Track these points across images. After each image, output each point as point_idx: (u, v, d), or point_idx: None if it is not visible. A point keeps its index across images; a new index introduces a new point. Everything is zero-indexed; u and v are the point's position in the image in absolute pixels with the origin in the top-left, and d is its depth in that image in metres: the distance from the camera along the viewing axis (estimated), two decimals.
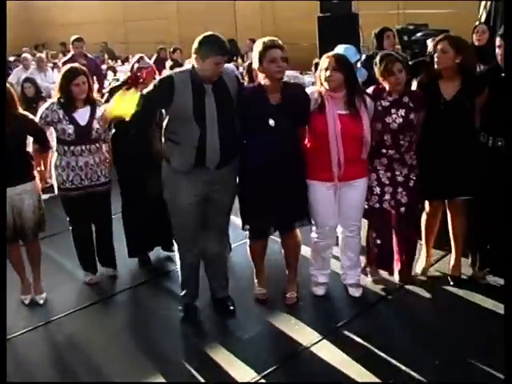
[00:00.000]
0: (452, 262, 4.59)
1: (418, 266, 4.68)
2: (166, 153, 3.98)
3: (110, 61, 13.29)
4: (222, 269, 4.34)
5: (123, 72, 11.02)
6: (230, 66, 9.02)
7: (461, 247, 4.54)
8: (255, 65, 3.98)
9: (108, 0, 17.19)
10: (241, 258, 4.84)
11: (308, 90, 4.20)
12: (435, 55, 4.18)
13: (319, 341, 3.91)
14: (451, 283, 4.49)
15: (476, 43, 6.23)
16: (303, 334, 4.00)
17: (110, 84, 6.75)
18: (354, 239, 4.37)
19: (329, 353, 3.78)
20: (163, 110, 4.00)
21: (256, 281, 4.48)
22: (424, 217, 4.57)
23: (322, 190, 4.16)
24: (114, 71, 11.65)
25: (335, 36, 6.66)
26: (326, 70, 4.03)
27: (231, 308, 4.28)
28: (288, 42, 10.66)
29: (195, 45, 3.78)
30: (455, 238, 4.53)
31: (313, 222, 4.29)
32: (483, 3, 7.42)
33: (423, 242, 4.66)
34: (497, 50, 4.19)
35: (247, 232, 4.26)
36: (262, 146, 3.97)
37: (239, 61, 11.87)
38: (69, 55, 8.99)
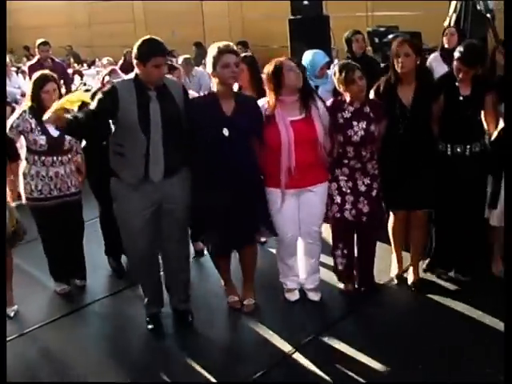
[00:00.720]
0: (410, 268, 4.63)
1: (392, 272, 4.69)
2: (113, 165, 3.87)
3: (75, 64, 13.07)
4: (183, 282, 4.23)
5: (90, 76, 10.87)
6: (199, 69, 8.92)
7: (420, 255, 4.63)
8: (209, 70, 3.93)
9: (72, 0, 16.90)
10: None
11: (259, 103, 4.12)
12: (399, 59, 4.15)
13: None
14: (413, 288, 4.51)
15: (446, 46, 6.25)
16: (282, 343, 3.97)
17: (77, 88, 6.59)
18: (314, 245, 4.35)
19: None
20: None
21: (226, 290, 4.45)
22: (390, 224, 4.59)
23: (279, 197, 4.10)
24: (81, 75, 11.45)
25: (306, 38, 6.64)
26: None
27: (190, 320, 4.22)
28: (257, 44, 10.69)
29: (134, 50, 3.71)
30: (414, 246, 4.60)
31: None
32: (453, 4, 7.46)
33: (393, 248, 4.67)
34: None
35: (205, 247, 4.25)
36: (217, 156, 3.89)
37: None
38: (34, 59, 8.80)
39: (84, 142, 4.69)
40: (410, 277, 4.61)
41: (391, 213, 4.55)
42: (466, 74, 4.17)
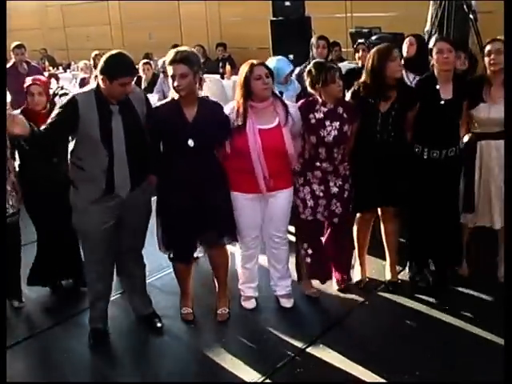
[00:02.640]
0: (388, 268, 4.68)
1: (355, 276, 4.71)
2: (73, 178, 3.80)
3: (51, 68, 12.81)
4: (142, 288, 4.23)
5: (67, 80, 10.65)
6: None
7: (395, 253, 4.65)
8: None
9: (45, 0, 16.63)
10: (203, 272, 4.68)
11: (226, 108, 4.06)
12: (395, 63, 4.13)
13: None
14: (390, 288, 4.57)
15: (405, 54, 6.20)
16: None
17: (55, 92, 6.42)
18: (280, 250, 4.33)
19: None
20: None
21: (181, 301, 4.39)
22: (356, 227, 4.58)
23: (243, 200, 4.07)
24: (57, 79, 11.21)
25: (288, 39, 6.56)
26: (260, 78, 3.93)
27: (158, 325, 4.17)
28: (236, 46, 10.62)
29: (101, 64, 3.58)
30: (389, 245, 4.64)
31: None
32: (431, 6, 7.44)
33: (356, 252, 4.66)
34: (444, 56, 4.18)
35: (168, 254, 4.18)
36: (181, 165, 3.83)
37: None
38: (10, 63, 8.58)
39: (18, 161, 4.49)
40: (388, 275, 4.64)
41: (358, 215, 4.54)
42: (449, 52, 4.14)
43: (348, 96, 4.33)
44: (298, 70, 5.93)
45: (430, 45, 5.66)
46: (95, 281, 4.03)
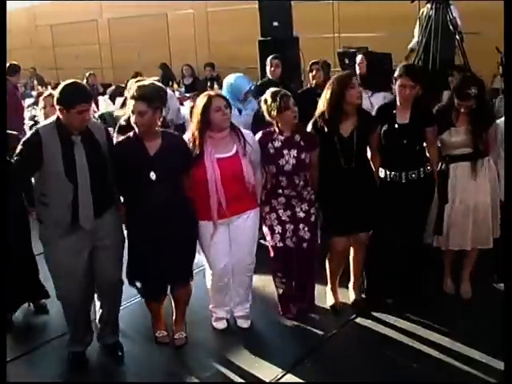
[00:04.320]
0: (351, 287, 4.69)
1: (328, 301, 4.68)
2: (38, 214, 3.79)
3: (39, 87, 12.81)
4: (114, 318, 4.18)
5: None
6: (168, 91, 8.78)
7: (360, 275, 4.67)
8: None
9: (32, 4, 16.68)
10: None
11: (185, 137, 4.08)
12: (354, 90, 4.19)
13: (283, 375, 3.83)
14: (355, 308, 4.59)
15: (358, 71, 6.27)
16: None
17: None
18: (245, 276, 4.33)
19: None
20: None
21: (153, 324, 4.35)
22: (328, 260, 4.60)
23: (209, 228, 4.06)
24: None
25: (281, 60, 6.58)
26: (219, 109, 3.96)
27: (119, 354, 4.15)
28: (224, 66, 10.67)
29: (57, 95, 3.57)
30: (355, 267, 4.64)
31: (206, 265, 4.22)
32: (417, 26, 7.53)
33: (329, 281, 4.67)
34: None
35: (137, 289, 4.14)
36: (145, 199, 3.80)
37: (175, 86, 11.65)
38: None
39: None
40: (352, 295, 4.65)
41: (332, 242, 4.51)
42: (411, 89, 4.22)
43: (309, 127, 4.34)
44: (252, 86, 5.99)
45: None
46: (72, 313, 3.98)
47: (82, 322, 4.06)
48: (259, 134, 4.27)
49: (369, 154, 4.42)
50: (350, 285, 4.71)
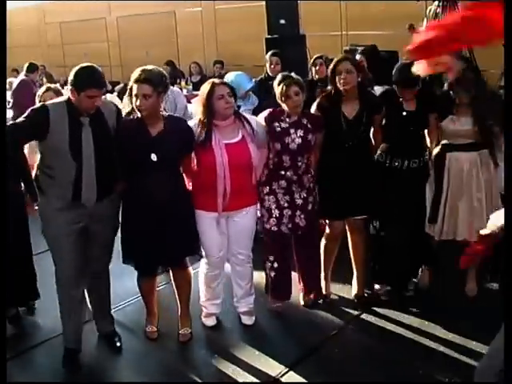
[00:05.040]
0: (355, 281, 4.71)
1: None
2: (41, 185, 3.80)
3: (49, 84, 12.85)
4: (106, 305, 4.23)
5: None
6: (175, 89, 8.81)
7: (362, 266, 4.67)
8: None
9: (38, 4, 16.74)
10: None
11: (191, 123, 4.09)
12: (340, 76, 4.22)
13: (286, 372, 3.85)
14: (355, 301, 4.63)
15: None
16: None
17: None
18: (244, 268, 4.34)
19: None
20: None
21: (146, 320, 4.38)
22: (323, 242, 4.60)
23: (207, 220, 4.08)
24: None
25: (283, 57, 6.60)
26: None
27: (118, 345, 4.19)
28: (232, 64, 10.70)
29: (71, 76, 3.62)
30: (356, 258, 4.66)
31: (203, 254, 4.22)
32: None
33: (322, 267, 4.67)
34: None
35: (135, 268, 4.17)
36: (146, 181, 3.83)
37: (182, 83, 11.68)
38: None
39: None
40: (354, 289, 4.68)
41: (327, 226, 4.57)
42: (411, 94, 4.33)
43: (313, 108, 4.41)
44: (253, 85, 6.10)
45: None
46: (66, 298, 3.99)
47: (75, 310, 4.04)
48: (266, 112, 4.30)
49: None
50: (354, 279, 4.73)
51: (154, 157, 3.80)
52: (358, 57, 6.32)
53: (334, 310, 4.57)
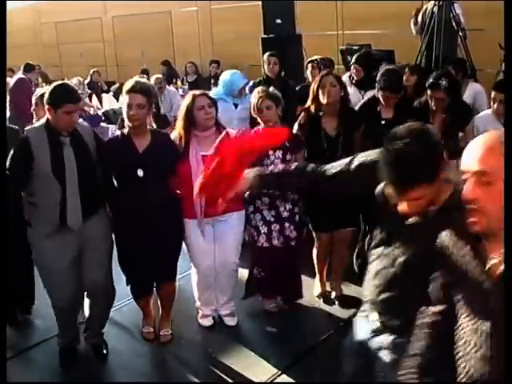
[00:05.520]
0: (334, 284, 4.75)
1: (315, 291, 4.79)
2: (27, 216, 3.78)
3: (44, 84, 12.83)
4: (100, 323, 4.19)
5: None
6: (171, 89, 8.81)
7: (341, 273, 4.76)
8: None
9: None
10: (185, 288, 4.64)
11: (171, 136, 4.12)
12: (325, 89, 4.24)
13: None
14: (336, 303, 4.66)
15: (355, 77, 6.33)
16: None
17: None
18: (230, 278, 4.33)
19: None
20: None
21: (142, 320, 4.39)
22: (315, 250, 4.65)
23: (192, 226, 4.08)
24: None
25: (279, 57, 6.60)
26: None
27: (104, 352, 4.17)
28: (228, 64, 10.68)
29: (46, 95, 3.64)
30: (337, 266, 4.72)
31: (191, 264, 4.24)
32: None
33: (317, 273, 4.74)
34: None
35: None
36: (133, 197, 3.82)
37: (178, 83, 11.67)
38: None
39: None
40: (334, 291, 4.71)
41: (315, 237, 4.61)
42: (395, 99, 4.40)
43: (295, 128, 4.41)
44: (251, 83, 6.14)
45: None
46: (62, 315, 4.00)
47: (71, 322, 4.08)
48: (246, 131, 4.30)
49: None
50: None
51: (140, 172, 3.81)
52: (352, 68, 6.37)
53: (329, 313, 4.58)
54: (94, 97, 10.65)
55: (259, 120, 4.26)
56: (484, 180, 1.70)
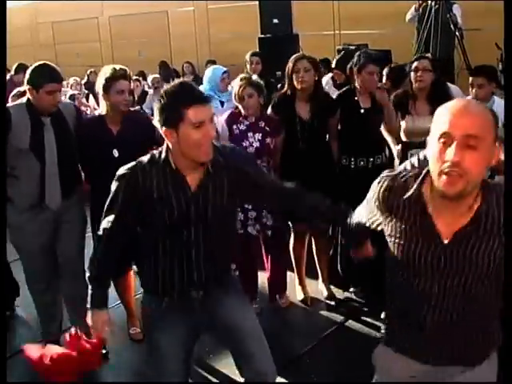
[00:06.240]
0: (321, 283, 4.70)
1: (298, 295, 4.69)
2: (8, 188, 3.71)
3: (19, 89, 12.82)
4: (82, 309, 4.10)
5: None
6: None
7: (327, 269, 4.68)
8: (99, 91, 3.84)
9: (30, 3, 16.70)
10: None
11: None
12: (299, 74, 4.22)
13: None
14: (331, 302, 4.60)
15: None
16: None
17: None
18: None
19: None
20: None
21: (128, 322, 4.38)
22: (291, 245, 4.60)
23: None
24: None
25: (276, 57, 6.59)
26: None
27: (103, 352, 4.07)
28: (225, 63, 10.65)
29: (27, 76, 3.60)
30: (320, 262, 4.66)
31: None
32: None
33: (295, 271, 4.67)
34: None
35: None
36: (109, 178, 3.81)
37: None
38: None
39: None
40: (324, 291, 4.66)
41: (292, 232, 4.57)
42: (377, 76, 4.37)
43: (269, 109, 4.41)
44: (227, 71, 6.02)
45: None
46: (40, 295, 3.98)
47: (50, 307, 4.03)
48: (225, 115, 4.32)
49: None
50: (320, 280, 4.73)
51: (115, 152, 3.79)
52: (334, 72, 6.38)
53: (321, 314, 4.54)
54: (91, 97, 10.63)
55: (240, 108, 4.23)
56: (471, 144, 1.75)
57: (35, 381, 3.87)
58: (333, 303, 4.60)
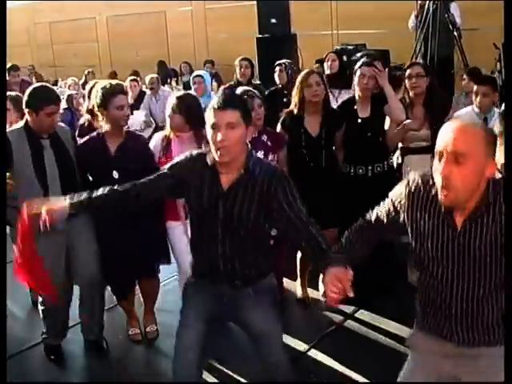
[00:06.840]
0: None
1: (298, 295, 4.70)
2: (10, 220, 3.64)
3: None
4: (98, 317, 4.12)
5: None
6: (166, 89, 8.80)
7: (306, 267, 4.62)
8: (96, 107, 3.82)
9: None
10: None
11: (154, 139, 4.12)
12: (312, 89, 4.21)
13: None
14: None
15: (328, 71, 6.28)
16: None
17: None
18: None
19: None
20: None
21: (127, 322, 4.37)
22: (299, 258, 4.61)
23: (176, 230, 4.05)
24: None
25: (274, 57, 6.59)
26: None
27: (100, 350, 4.13)
28: (222, 63, 10.67)
29: (25, 98, 3.59)
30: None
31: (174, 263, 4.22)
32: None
33: (298, 276, 4.69)
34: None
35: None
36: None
37: (173, 83, 11.65)
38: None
39: None
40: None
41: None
42: (370, 79, 4.30)
43: (278, 127, 4.39)
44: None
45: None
46: (50, 315, 3.96)
47: (60, 320, 4.02)
48: None
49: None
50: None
51: (115, 174, 3.78)
52: (331, 56, 6.35)
53: (321, 314, 4.48)
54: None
55: None
56: (459, 160, 1.98)
57: (35, 381, 3.96)
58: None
